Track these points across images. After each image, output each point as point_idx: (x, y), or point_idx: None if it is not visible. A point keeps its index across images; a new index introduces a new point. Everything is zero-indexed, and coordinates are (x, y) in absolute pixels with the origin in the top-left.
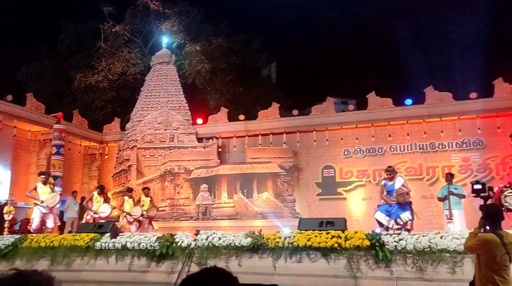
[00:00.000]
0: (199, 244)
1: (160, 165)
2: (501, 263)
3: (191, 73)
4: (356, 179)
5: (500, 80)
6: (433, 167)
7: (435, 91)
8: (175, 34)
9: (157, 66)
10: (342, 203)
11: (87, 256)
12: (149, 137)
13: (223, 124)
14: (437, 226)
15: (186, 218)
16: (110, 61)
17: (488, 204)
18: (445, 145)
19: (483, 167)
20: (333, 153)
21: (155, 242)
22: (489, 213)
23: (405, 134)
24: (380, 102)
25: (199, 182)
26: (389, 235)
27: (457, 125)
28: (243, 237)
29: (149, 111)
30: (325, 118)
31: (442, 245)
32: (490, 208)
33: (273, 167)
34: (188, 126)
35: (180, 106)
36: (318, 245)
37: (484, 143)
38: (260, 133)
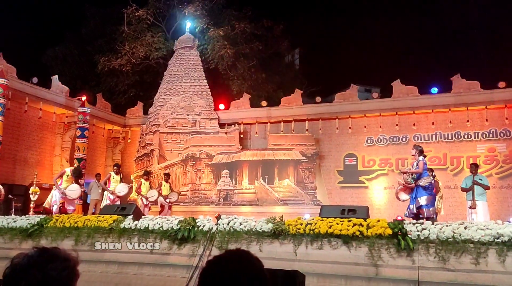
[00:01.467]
0: (220, 228)
1: (182, 150)
2: None
3: (214, 58)
4: (378, 168)
5: None
6: (458, 157)
7: (462, 80)
8: (198, 18)
9: (180, 50)
10: (363, 191)
11: (110, 237)
12: (171, 122)
13: (245, 110)
14: (460, 217)
15: (207, 203)
16: (133, 45)
17: None
18: (471, 135)
19: (509, 158)
20: (355, 141)
21: (177, 225)
22: None
23: (430, 123)
24: (405, 90)
25: (220, 168)
26: (411, 224)
27: (484, 114)
28: (264, 223)
29: (171, 95)
30: (348, 106)
31: (466, 236)
32: None
33: (294, 154)
34: (210, 111)
35: (202, 91)
36: (340, 233)
37: (511, 133)
38: (282, 119)
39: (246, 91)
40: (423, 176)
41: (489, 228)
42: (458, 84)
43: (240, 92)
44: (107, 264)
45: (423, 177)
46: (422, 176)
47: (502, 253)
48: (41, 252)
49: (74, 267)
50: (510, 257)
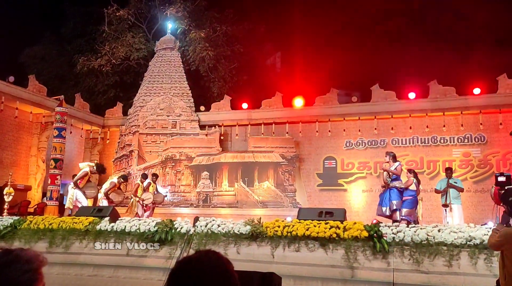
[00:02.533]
0: (198, 230)
1: (161, 151)
2: None
3: (195, 60)
4: (357, 171)
5: (504, 76)
6: (434, 161)
7: (439, 85)
8: (180, 20)
9: (161, 51)
10: (342, 194)
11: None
12: (151, 123)
13: (226, 112)
14: (436, 220)
15: (187, 205)
16: (113, 45)
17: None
18: (447, 139)
19: (484, 162)
20: (335, 144)
21: (154, 227)
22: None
23: (407, 127)
24: (384, 94)
25: (200, 170)
26: (387, 226)
27: (460, 120)
28: (242, 225)
29: (152, 96)
30: (328, 109)
31: (440, 238)
32: None
33: (274, 156)
34: (191, 113)
35: (183, 93)
36: (317, 235)
37: (485, 138)
38: (262, 122)
39: (227, 93)
40: (399, 179)
41: (461, 231)
42: (434, 90)
43: (221, 94)
44: (82, 266)
45: (399, 180)
46: (399, 180)
47: (474, 255)
48: (2, 254)
49: (37, 269)
50: (482, 259)
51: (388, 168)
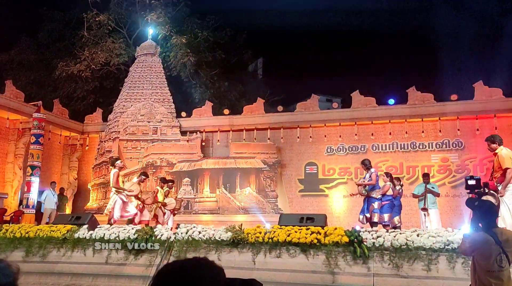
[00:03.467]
0: (178, 237)
1: (142, 157)
2: (496, 264)
3: (176, 66)
4: (338, 177)
5: (480, 83)
6: (413, 167)
7: (417, 92)
8: (161, 25)
9: (142, 57)
10: (323, 199)
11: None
12: (131, 129)
13: (207, 118)
14: (416, 225)
15: None
16: (93, 50)
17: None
18: (426, 145)
19: (461, 167)
20: (316, 150)
21: (134, 234)
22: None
23: (387, 133)
24: (364, 101)
25: (181, 176)
26: (367, 232)
27: (438, 126)
28: (223, 232)
29: (132, 102)
30: (309, 115)
31: (419, 243)
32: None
33: (256, 162)
34: (172, 119)
35: (164, 99)
36: (298, 241)
37: (463, 144)
38: (244, 128)
39: (208, 99)
40: (376, 188)
41: (440, 236)
42: (413, 96)
43: (203, 100)
44: (59, 275)
45: (376, 189)
46: (375, 188)
47: (452, 259)
48: None
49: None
50: (459, 263)
51: (361, 182)
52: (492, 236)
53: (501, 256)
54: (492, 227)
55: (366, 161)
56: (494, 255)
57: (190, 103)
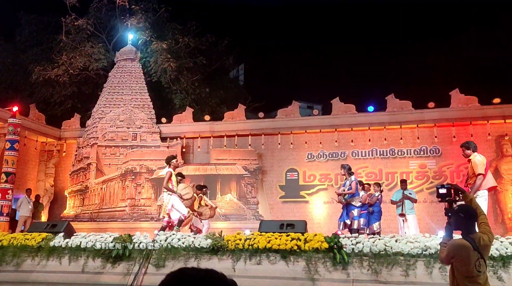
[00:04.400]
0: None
1: (121, 164)
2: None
3: (157, 71)
4: (318, 183)
5: (456, 91)
6: (392, 173)
7: (396, 99)
8: (141, 31)
9: (121, 62)
10: (304, 206)
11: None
12: (110, 135)
13: (188, 124)
14: (394, 231)
15: (147, 219)
16: (71, 55)
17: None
18: (404, 151)
19: (439, 174)
20: (297, 157)
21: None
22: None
23: (366, 140)
24: (344, 108)
25: (161, 183)
26: (347, 238)
27: (416, 132)
28: (203, 239)
29: (111, 108)
30: (290, 122)
31: (397, 248)
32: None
33: (237, 169)
34: (152, 125)
35: (144, 104)
36: (278, 247)
37: (440, 151)
38: (225, 134)
39: (189, 105)
40: (355, 196)
41: (417, 241)
42: (392, 103)
43: (183, 106)
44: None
45: (355, 197)
46: (355, 196)
47: (429, 265)
48: None
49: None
50: (437, 268)
51: (341, 190)
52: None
53: (479, 261)
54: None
55: (346, 166)
56: (473, 260)
57: (170, 109)
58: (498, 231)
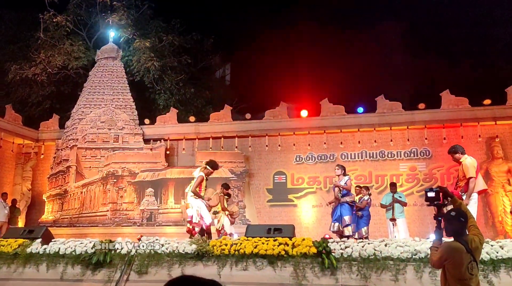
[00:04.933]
0: (140, 251)
1: (102, 167)
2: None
3: (139, 71)
4: (307, 186)
5: (447, 92)
6: (382, 176)
7: (386, 100)
8: (123, 28)
9: (102, 61)
10: (292, 210)
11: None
12: (91, 137)
13: (172, 126)
14: (384, 235)
15: (129, 224)
16: (49, 53)
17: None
18: (394, 154)
19: (429, 176)
20: (285, 159)
21: (92, 248)
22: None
23: (356, 141)
24: (333, 109)
25: (144, 186)
26: (335, 242)
27: (406, 134)
28: (188, 244)
29: (92, 108)
30: (277, 123)
31: (386, 253)
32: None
33: (223, 171)
34: (135, 126)
35: (126, 105)
36: (265, 253)
37: (430, 153)
38: (211, 136)
39: (173, 106)
40: (349, 194)
41: (407, 245)
42: (382, 105)
43: (167, 107)
44: None
45: (349, 195)
46: (349, 194)
47: (419, 269)
48: None
49: None
50: (427, 273)
51: (339, 183)
52: (464, 244)
53: (472, 264)
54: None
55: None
56: (466, 263)
57: (153, 110)
58: (488, 234)
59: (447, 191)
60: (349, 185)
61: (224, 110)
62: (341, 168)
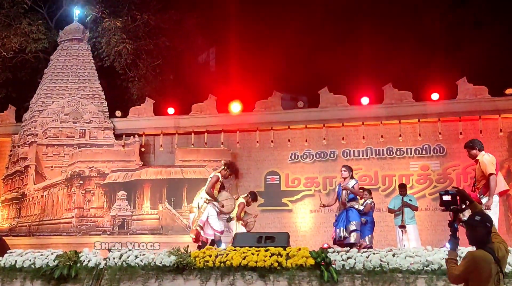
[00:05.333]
0: (110, 263)
1: (66, 166)
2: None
3: (110, 55)
4: (304, 188)
5: (464, 80)
6: (390, 176)
7: (394, 90)
8: (90, 5)
9: (66, 43)
10: (287, 215)
11: None
12: (53, 131)
13: (147, 118)
14: (392, 243)
15: (98, 233)
16: (4, 34)
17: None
18: (403, 151)
19: (443, 177)
20: (278, 157)
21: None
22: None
23: (360, 137)
24: (333, 99)
25: (115, 188)
26: (336, 252)
27: (417, 128)
28: (166, 255)
29: (54, 98)
30: (270, 116)
31: (394, 264)
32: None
33: (207, 172)
34: (104, 119)
35: (94, 94)
36: (255, 265)
37: (445, 150)
38: (193, 130)
39: (149, 96)
40: (356, 198)
41: (418, 255)
42: (390, 94)
43: (142, 97)
44: None
45: (356, 199)
46: (356, 199)
47: (431, 282)
48: None
49: None
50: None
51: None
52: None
53: (499, 275)
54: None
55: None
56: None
57: (126, 100)
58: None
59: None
60: (356, 189)
61: (208, 101)
62: (349, 169)
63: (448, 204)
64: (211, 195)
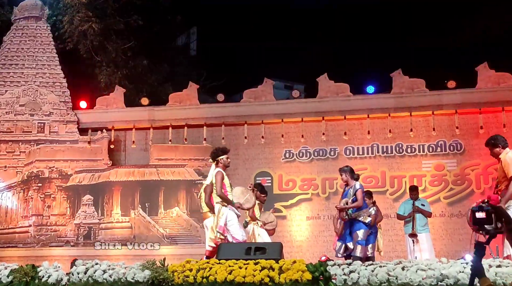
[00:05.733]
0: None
1: (22, 166)
2: None
3: (73, 36)
4: (299, 191)
5: (484, 65)
6: (399, 177)
7: (405, 77)
8: None
9: (21, 22)
10: (280, 223)
11: None
12: (6, 125)
13: (117, 110)
14: (402, 255)
15: (60, 244)
16: None
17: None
18: (415, 148)
19: (461, 178)
20: (270, 155)
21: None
22: None
23: (365, 132)
24: (334, 88)
25: (80, 192)
26: (337, 265)
27: (431, 122)
28: (139, 270)
29: (7, 87)
30: (260, 107)
31: (404, 279)
32: None
33: (187, 172)
34: (66, 111)
35: (54, 82)
36: (243, 280)
37: (463, 146)
38: (170, 124)
39: (119, 84)
40: (362, 208)
41: (431, 268)
42: (399, 83)
43: (111, 85)
44: None
45: (362, 210)
46: (362, 209)
47: None
48: None
49: None
50: None
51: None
52: None
53: None
54: None
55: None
56: None
57: (93, 89)
58: None
59: (503, 211)
60: (359, 197)
61: (188, 90)
62: (345, 171)
63: (481, 223)
64: (225, 199)
